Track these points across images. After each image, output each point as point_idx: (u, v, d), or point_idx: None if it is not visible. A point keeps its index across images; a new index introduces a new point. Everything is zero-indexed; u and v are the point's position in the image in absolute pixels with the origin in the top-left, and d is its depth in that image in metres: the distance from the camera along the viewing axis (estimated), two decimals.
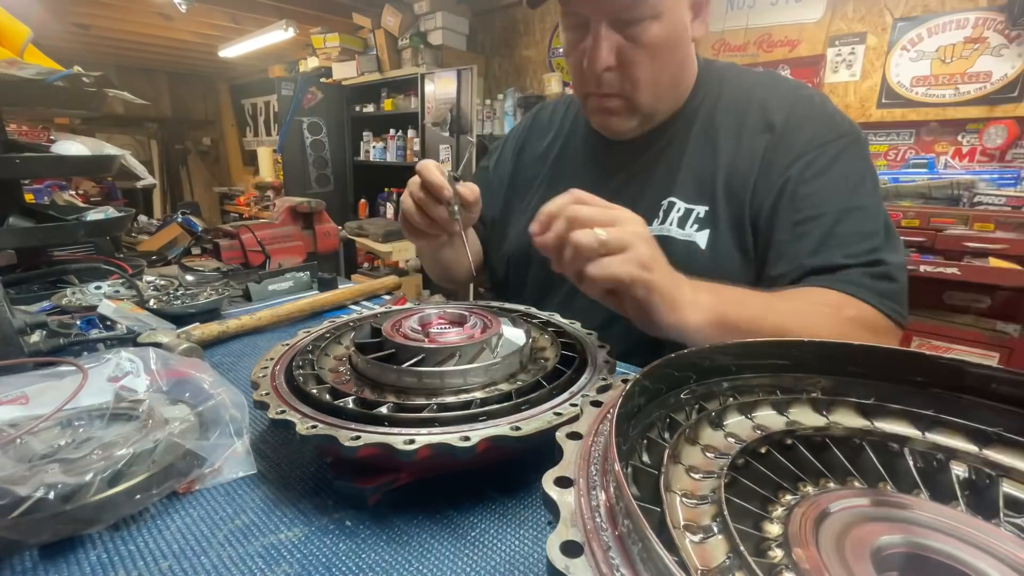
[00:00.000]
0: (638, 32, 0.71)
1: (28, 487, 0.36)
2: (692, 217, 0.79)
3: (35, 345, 0.66)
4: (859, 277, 0.66)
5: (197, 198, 6.74)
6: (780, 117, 0.76)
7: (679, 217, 0.80)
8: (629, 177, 0.86)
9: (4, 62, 0.96)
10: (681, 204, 0.80)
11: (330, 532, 0.41)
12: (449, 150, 3.69)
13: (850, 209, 0.69)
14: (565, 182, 0.88)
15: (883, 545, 0.24)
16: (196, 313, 0.90)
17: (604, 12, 0.70)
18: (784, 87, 0.80)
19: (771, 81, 0.82)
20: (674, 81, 0.80)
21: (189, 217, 3.93)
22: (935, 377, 0.34)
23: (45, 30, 4.09)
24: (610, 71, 0.74)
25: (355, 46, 4.29)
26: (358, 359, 0.52)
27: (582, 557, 0.20)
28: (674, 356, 0.34)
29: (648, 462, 0.30)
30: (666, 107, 0.82)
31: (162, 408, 0.49)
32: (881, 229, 0.70)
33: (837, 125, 0.75)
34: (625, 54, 0.73)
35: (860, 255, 0.67)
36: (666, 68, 0.76)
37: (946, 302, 2.18)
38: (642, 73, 0.74)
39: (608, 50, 0.72)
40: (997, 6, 2.21)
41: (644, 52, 0.73)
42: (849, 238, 0.68)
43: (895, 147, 2.58)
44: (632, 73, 0.74)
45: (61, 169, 1.27)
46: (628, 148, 0.86)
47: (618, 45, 0.72)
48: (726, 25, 2.91)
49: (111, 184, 4.82)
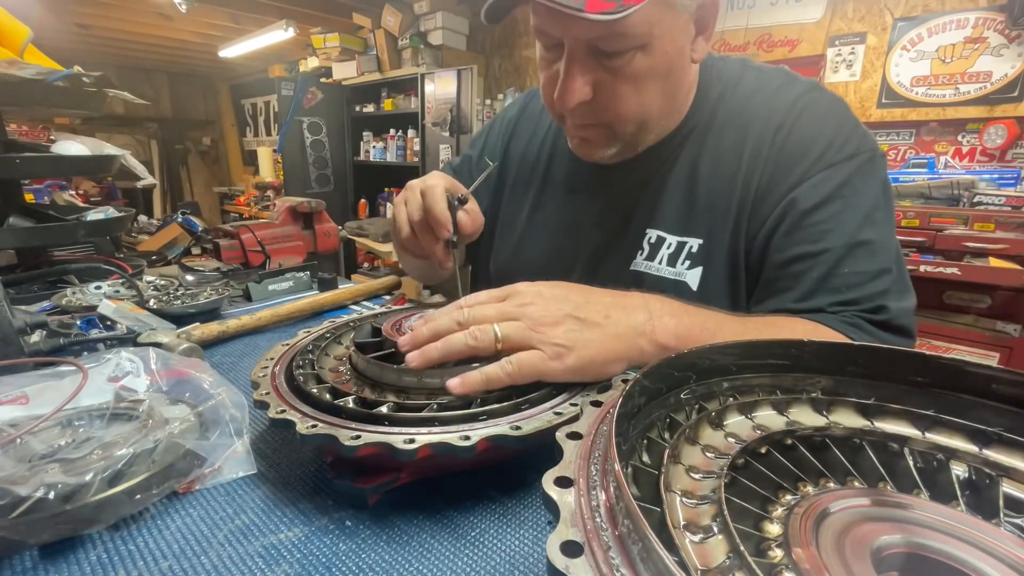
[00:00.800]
0: (620, 64, 0.59)
1: (28, 487, 0.36)
2: (684, 252, 0.70)
3: (35, 345, 0.66)
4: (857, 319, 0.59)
5: (197, 198, 6.75)
6: (784, 130, 0.66)
7: (669, 254, 0.71)
8: (613, 203, 0.78)
9: (4, 62, 0.96)
10: (672, 239, 0.71)
11: (330, 532, 0.41)
12: (449, 150, 3.69)
13: (858, 244, 0.60)
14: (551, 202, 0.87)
15: (883, 545, 0.24)
16: (196, 313, 0.90)
17: (579, 39, 0.58)
18: (790, 92, 0.68)
19: (778, 84, 0.70)
20: (664, 111, 0.68)
21: (189, 217, 3.93)
22: (935, 377, 0.34)
23: (45, 30, 4.09)
24: (585, 104, 0.63)
25: (355, 46, 4.29)
26: (358, 359, 0.52)
27: (582, 557, 0.20)
28: (674, 356, 0.34)
29: (648, 462, 0.31)
30: (654, 136, 0.71)
31: (162, 408, 0.49)
32: (891, 266, 0.61)
33: (849, 141, 0.64)
34: (603, 87, 0.61)
35: (862, 301, 0.59)
36: (654, 100, 0.64)
37: (946, 302, 2.18)
38: (624, 107, 0.63)
39: (582, 83, 0.60)
40: (997, 6, 2.21)
41: (627, 85, 0.61)
42: (851, 279, 0.60)
43: (895, 147, 2.58)
44: (613, 106, 0.63)
45: (61, 169, 1.27)
46: (615, 171, 0.77)
47: (595, 78, 0.61)
48: (726, 25, 2.91)
49: (111, 184, 4.83)
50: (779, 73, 0.72)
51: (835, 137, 0.64)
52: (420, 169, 3.90)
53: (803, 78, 0.71)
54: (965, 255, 2.00)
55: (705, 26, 0.63)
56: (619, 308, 0.50)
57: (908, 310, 0.61)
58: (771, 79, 0.71)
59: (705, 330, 0.52)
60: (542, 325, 0.47)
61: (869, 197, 0.63)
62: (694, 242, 0.70)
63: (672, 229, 0.72)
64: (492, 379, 0.45)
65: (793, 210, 0.63)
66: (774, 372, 0.38)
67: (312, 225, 1.59)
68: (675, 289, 0.69)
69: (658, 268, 0.72)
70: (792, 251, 0.63)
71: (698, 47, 0.64)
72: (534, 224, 0.88)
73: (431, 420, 0.42)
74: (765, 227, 0.65)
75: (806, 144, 0.65)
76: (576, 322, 0.48)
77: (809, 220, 0.62)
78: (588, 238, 0.81)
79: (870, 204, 0.62)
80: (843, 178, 0.62)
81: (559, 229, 0.85)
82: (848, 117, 0.67)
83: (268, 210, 4.88)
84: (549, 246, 0.85)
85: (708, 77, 0.73)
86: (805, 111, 0.66)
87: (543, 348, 0.46)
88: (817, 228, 0.62)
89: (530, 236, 0.88)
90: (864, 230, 0.61)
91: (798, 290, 0.62)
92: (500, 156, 0.94)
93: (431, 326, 0.49)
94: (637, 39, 0.57)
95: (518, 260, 0.89)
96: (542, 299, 0.49)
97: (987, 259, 1.96)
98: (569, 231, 0.83)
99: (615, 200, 0.78)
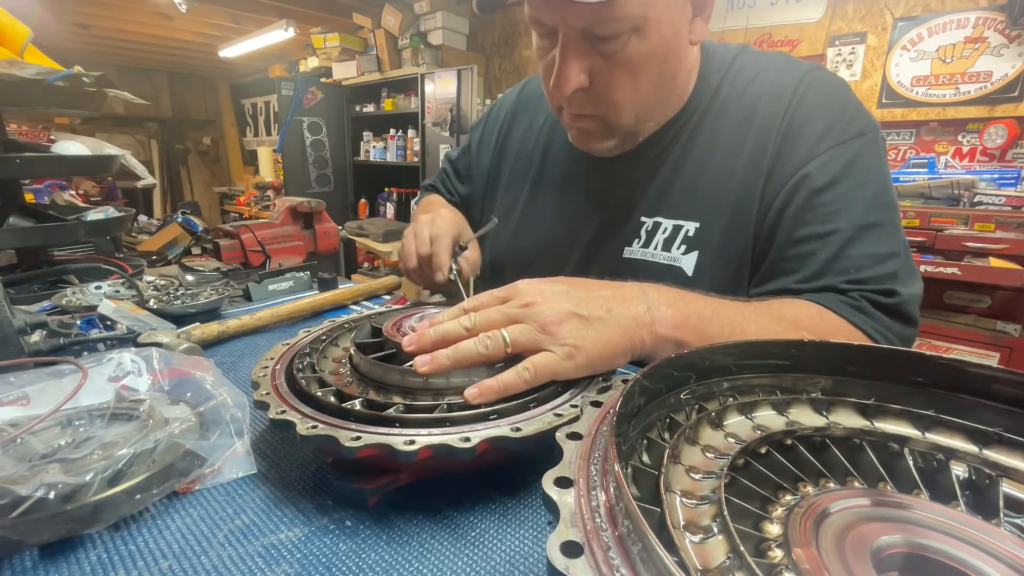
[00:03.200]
0: (615, 48, 0.58)
1: (28, 487, 0.36)
2: (680, 237, 0.70)
3: (35, 345, 0.66)
4: (863, 302, 0.58)
5: (197, 198, 6.75)
6: (791, 109, 0.65)
7: (665, 239, 0.71)
8: (611, 192, 0.78)
9: (4, 62, 0.96)
10: (668, 223, 0.71)
11: (330, 532, 0.41)
12: (449, 150, 3.69)
13: (867, 227, 0.59)
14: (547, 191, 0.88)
15: (883, 545, 0.24)
16: (196, 313, 0.90)
17: (572, 25, 0.58)
18: (794, 71, 0.68)
19: (780, 65, 0.70)
20: (662, 97, 0.67)
21: (189, 217, 3.93)
22: (935, 377, 0.34)
23: (45, 30, 4.09)
24: (582, 91, 0.63)
25: (355, 46, 4.29)
26: (360, 360, 0.52)
27: (582, 557, 0.20)
28: (674, 356, 0.34)
29: (648, 462, 0.31)
30: (653, 123, 0.71)
31: (163, 408, 0.49)
32: (900, 250, 0.60)
33: (855, 119, 0.64)
34: (600, 73, 0.61)
35: (869, 282, 0.58)
36: (651, 85, 0.64)
37: (946, 302, 2.18)
38: (620, 94, 0.63)
39: (578, 70, 0.60)
40: (997, 6, 2.21)
41: (622, 71, 0.61)
42: (860, 261, 0.59)
43: (895, 147, 2.58)
44: (608, 95, 0.63)
45: (61, 169, 1.27)
46: (612, 160, 0.77)
47: (591, 64, 0.60)
48: (726, 25, 2.91)
49: (111, 184, 4.82)
50: (779, 56, 0.72)
51: (842, 114, 0.64)
52: (420, 169, 3.90)
53: (803, 61, 0.71)
54: (965, 255, 2.00)
55: (703, 6, 0.62)
56: (619, 300, 0.50)
57: (916, 296, 0.60)
58: (772, 62, 0.71)
59: (703, 317, 0.52)
60: (549, 326, 0.47)
61: (877, 178, 0.62)
62: (691, 226, 0.70)
63: (668, 214, 0.72)
64: (510, 386, 0.45)
65: (804, 187, 0.62)
66: (774, 372, 0.38)
67: (312, 225, 1.59)
68: (668, 274, 0.69)
69: (653, 254, 0.72)
70: (801, 231, 0.62)
71: (696, 28, 0.63)
72: (530, 213, 0.89)
73: (443, 421, 0.42)
74: (776, 203, 0.64)
75: (814, 119, 0.64)
76: (580, 320, 0.48)
77: (819, 200, 0.61)
78: (584, 227, 0.82)
79: (878, 185, 0.62)
80: (851, 156, 0.62)
81: (555, 218, 0.86)
82: (852, 96, 0.67)
83: (268, 210, 4.87)
84: (545, 235, 0.86)
85: (709, 63, 0.72)
86: (810, 89, 0.66)
87: (554, 349, 0.46)
88: (826, 209, 0.61)
89: (526, 225, 0.89)
90: (873, 212, 0.60)
91: (804, 271, 0.61)
92: (495, 150, 0.95)
93: (438, 331, 0.49)
94: (630, 22, 0.56)
95: (514, 249, 0.90)
96: (544, 298, 0.49)
97: (987, 259, 1.96)
98: (565, 220, 0.84)
99: (611, 188, 0.78)
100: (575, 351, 0.46)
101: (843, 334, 0.56)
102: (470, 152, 1.01)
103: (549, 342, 0.46)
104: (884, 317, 0.58)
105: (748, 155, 0.67)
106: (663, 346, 0.50)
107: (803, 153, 0.63)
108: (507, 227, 0.91)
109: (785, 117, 0.65)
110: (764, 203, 0.65)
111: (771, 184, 0.65)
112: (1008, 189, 2.11)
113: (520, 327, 0.47)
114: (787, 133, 0.65)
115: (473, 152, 1.00)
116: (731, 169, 0.68)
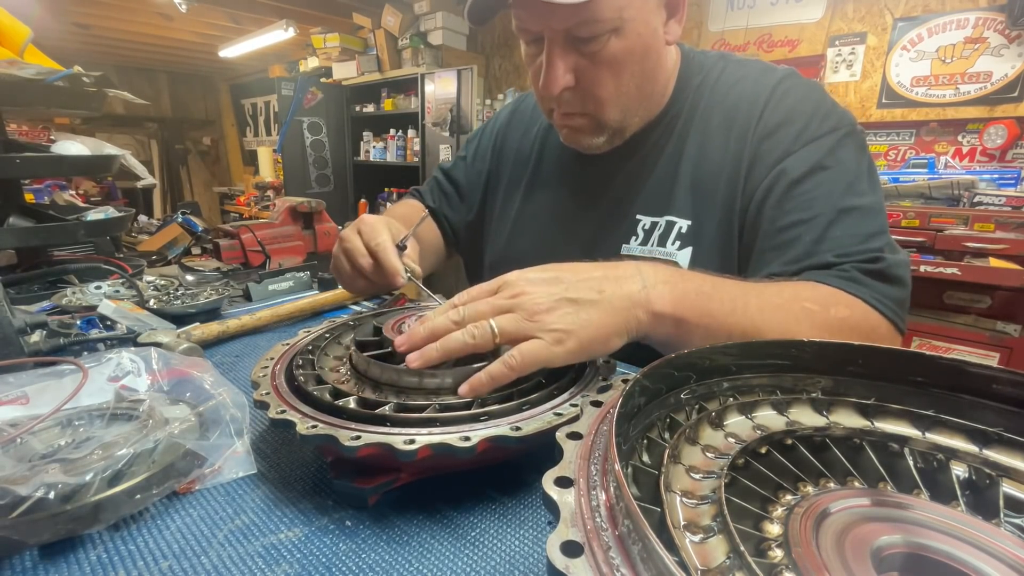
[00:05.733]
0: (597, 48, 0.64)
1: (28, 487, 0.36)
2: (673, 233, 0.73)
3: (35, 345, 0.66)
4: (853, 272, 0.59)
5: (197, 198, 6.75)
6: (768, 111, 0.70)
7: (659, 235, 0.75)
8: (604, 191, 0.81)
9: (4, 62, 0.96)
10: (661, 220, 0.75)
11: (330, 532, 0.41)
12: (449, 150, 3.69)
13: (846, 210, 0.63)
14: (541, 192, 0.90)
15: (883, 545, 0.24)
16: (196, 313, 0.90)
17: (556, 28, 0.64)
18: (770, 77, 0.73)
19: (759, 73, 0.75)
20: (644, 93, 0.72)
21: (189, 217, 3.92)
22: (935, 377, 0.34)
23: (45, 30, 4.09)
24: (569, 90, 0.68)
25: (355, 46, 4.29)
26: (358, 358, 0.52)
27: (582, 557, 0.20)
28: (674, 356, 0.34)
29: (648, 462, 0.31)
30: (639, 119, 0.76)
31: (162, 408, 0.49)
32: (881, 231, 0.63)
33: (828, 117, 0.68)
34: (584, 73, 0.67)
35: (855, 255, 0.60)
36: (633, 81, 0.69)
37: (946, 302, 2.18)
38: (605, 91, 0.68)
39: (564, 70, 0.66)
40: (997, 6, 2.21)
41: (605, 69, 0.66)
42: (844, 240, 0.61)
43: (895, 147, 2.58)
44: (594, 92, 0.68)
45: (61, 169, 1.27)
46: (603, 159, 0.80)
47: (575, 64, 0.66)
48: (726, 25, 2.91)
49: (111, 184, 4.82)
50: (758, 63, 0.78)
51: (815, 113, 0.69)
52: (420, 169, 3.90)
53: (780, 67, 0.76)
54: (965, 255, 2.00)
55: (675, 9, 0.69)
56: (611, 280, 0.50)
57: (904, 262, 0.61)
58: (751, 69, 0.77)
59: (702, 294, 0.52)
60: (537, 313, 0.46)
61: (851, 167, 0.66)
62: (683, 223, 0.73)
63: (660, 211, 0.75)
64: (497, 376, 0.45)
65: (782, 181, 0.66)
66: (774, 372, 0.38)
67: (312, 225, 1.59)
68: None
69: (649, 251, 0.75)
70: (783, 220, 0.65)
71: (671, 29, 0.70)
72: (525, 216, 0.91)
73: (432, 421, 0.42)
74: (755, 198, 0.68)
75: (789, 121, 0.69)
76: (571, 304, 0.47)
77: (798, 190, 0.65)
78: (581, 226, 0.84)
79: (852, 174, 0.65)
80: (826, 150, 0.66)
81: (550, 220, 0.87)
82: (826, 97, 0.72)
83: (268, 210, 4.87)
84: (540, 237, 0.88)
85: (689, 66, 0.78)
86: (787, 92, 0.71)
87: (542, 336, 0.46)
88: (806, 197, 0.64)
89: (522, 228, 0.91)
90: (851, 197, 0.64)
91: (792, 253, 0.63)
92: (492, 159, 0.99)
93: (428, 326, 0.49)
94: (609, 23, 0.62)
95: (511, 252, 0.92)
96: (533, 286, 0.49)
97: (987, 259, 1.96)
98: (560, 221, 0.86)
99: (604, 188, 0.81)
100: (565, 336, 0.46)
101: (844, 302, 0.57)
102: (465, 163, 1.03)
103: (537, 329, 0.46)
104: (875, 283, 0.59)
105: (732, 156, 0.71)
106: (661, 325, 0.50)
107: (779, 152, 0.67)
108: (504, 229, 0.93)
109: (762, 120, 0.70)
110: (744, 200, 0.69)
111: (750, 183, 0.69)
112: (1008, 189, 2.11)
113: (508, 316, 0.47)
114: (764, 135, 0.69)
115: (469, 160, 1.03)
116: (719, 168, 0.72)
